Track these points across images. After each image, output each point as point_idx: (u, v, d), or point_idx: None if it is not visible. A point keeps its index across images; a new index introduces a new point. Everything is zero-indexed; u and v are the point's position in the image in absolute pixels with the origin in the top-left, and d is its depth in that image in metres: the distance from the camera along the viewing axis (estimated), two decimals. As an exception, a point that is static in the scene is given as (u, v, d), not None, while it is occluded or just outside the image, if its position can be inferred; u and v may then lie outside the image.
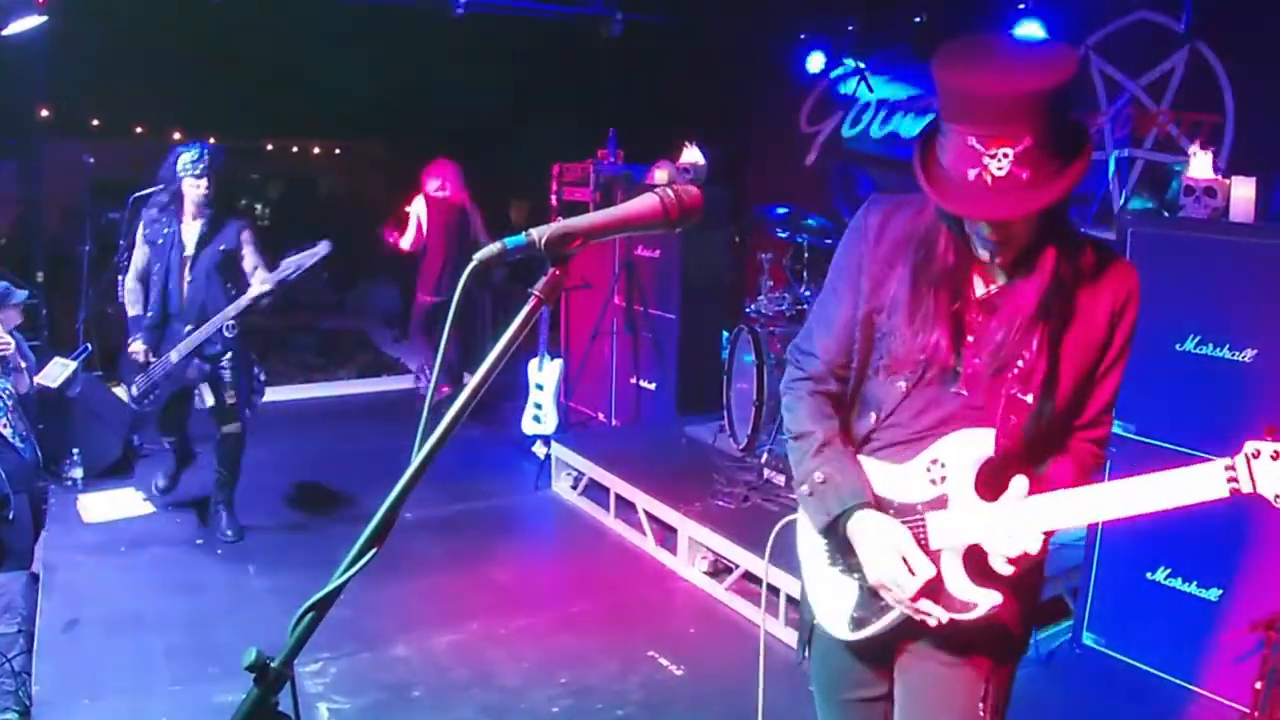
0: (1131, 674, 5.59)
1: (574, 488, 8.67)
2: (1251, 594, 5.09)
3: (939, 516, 2.78)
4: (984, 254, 2.70)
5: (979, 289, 2.79)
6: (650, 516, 7.56)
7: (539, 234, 1.87)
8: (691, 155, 9.30)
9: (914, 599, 2.76)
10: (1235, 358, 5.08)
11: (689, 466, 8.10)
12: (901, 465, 2.85)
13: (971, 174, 2.49)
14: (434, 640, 6.15)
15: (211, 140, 7.20)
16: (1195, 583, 5.33)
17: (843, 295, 2.94)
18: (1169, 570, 5.44)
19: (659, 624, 6.48)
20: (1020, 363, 2.71)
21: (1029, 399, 2.72)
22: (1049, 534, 2.72)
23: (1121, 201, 7.93)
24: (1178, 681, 5.40)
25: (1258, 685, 4.81)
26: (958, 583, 2.77)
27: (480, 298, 12.17)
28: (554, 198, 10.46)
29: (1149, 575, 5.50)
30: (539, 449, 9.19)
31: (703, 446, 8.65)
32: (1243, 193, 5.27)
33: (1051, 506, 2.66)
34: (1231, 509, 5.37)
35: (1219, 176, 5.36)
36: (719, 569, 6.96)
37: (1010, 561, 2.66)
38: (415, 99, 13.25)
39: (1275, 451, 2.35)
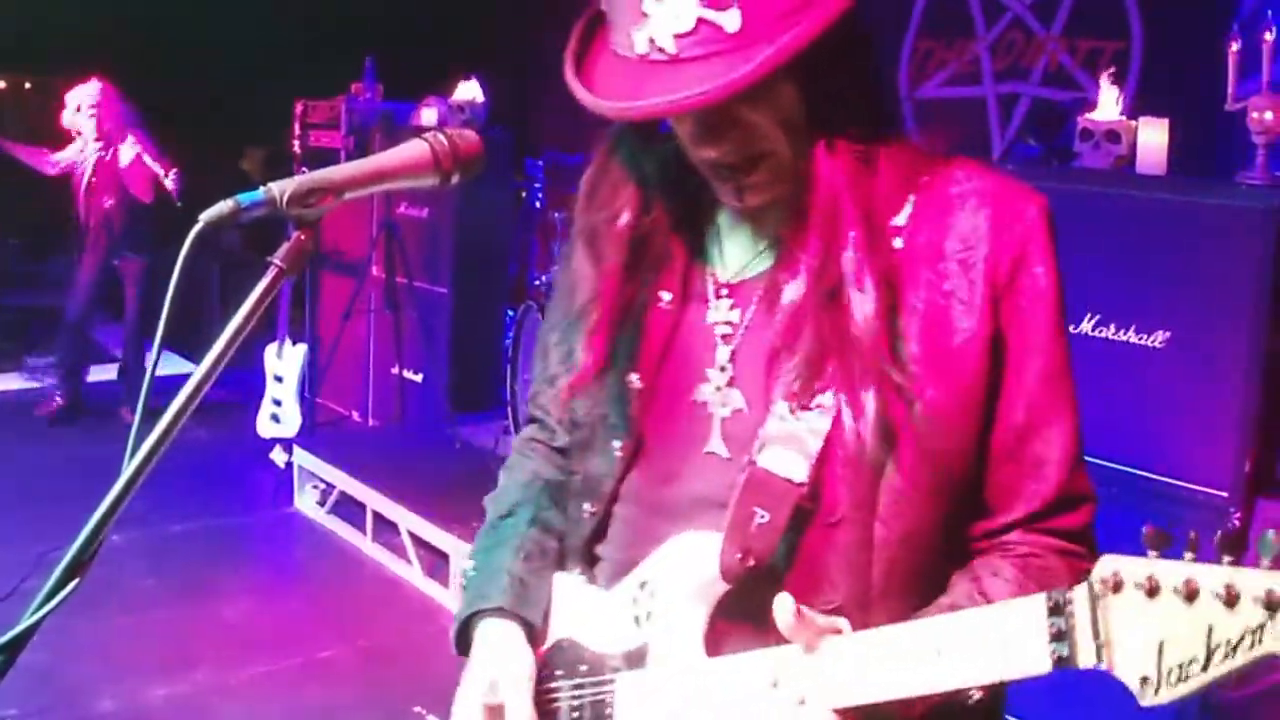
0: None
1: (321, 504, 8.61)
2: None
3: (632, 681, 2.06)
4: (730, 199, 2.01)
5: (726, 270, 2.11)
6: (416, 539, 7.56)
7: (280, 189, 1.85)
8: (468, 91, 9.27)
9: None
10: (1143, 342, 5.01)
11: (464, 477, 8.07)
12: (610, 591, 2.16)
13: (639, 39, 1.84)
14: (148, 692, 6.05)
15: None
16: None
17: (555, 306, 2.38)
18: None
19: (427, 672, 6.45)
20: (782, 399, 1.94)
21: (799, 471, 1.90)
22: None
23: (1003, 148, 8.03)
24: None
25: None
26: None
27: (205, 269, 11.99)
28: (296, 143, 10.31)
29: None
30: (278, 456, 9.12)
31: (481, 452, 8.66)
32: (1153, 137, 5.24)
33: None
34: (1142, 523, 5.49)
35: (1124, 117, 5.37)
36: (503, 602, 6.94)
37: None
38: (111, 19, 12.96)
39: (1150, 579, 1.45)
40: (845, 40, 1.83)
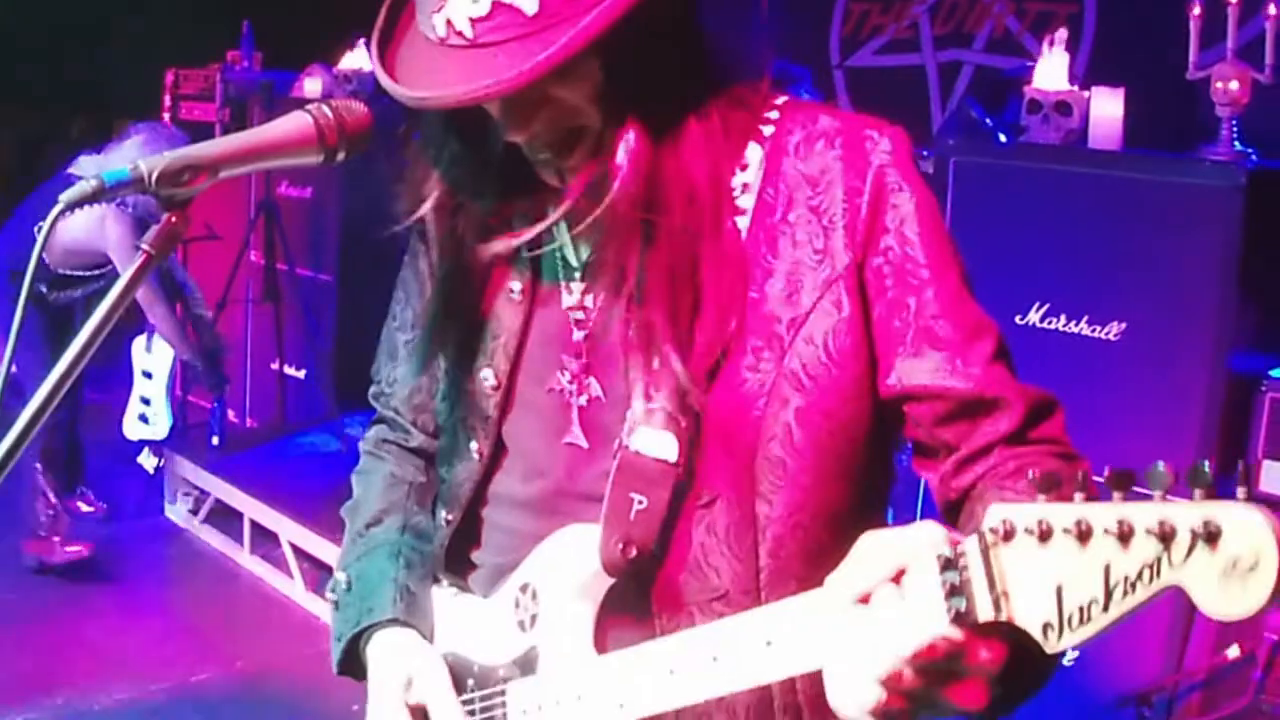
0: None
1: (194, 512, 8.60)
2: (1116, 657, 4.94)
3: (524, 688, 2.11)
4: (552, 180, 2.04)
5: (578, 254, 2.14)
6: (299, 552, 7.55)
7: (149, 167, 1.83)
8: (355, 59, 9.22)
9: None
10: (1097, 335, 5.01)
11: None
12: (490, 599, 2.21)
13: (438, 22, 1.87)
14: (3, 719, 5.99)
15: None
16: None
17: (404, 302, 2.45)
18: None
19: (312, 697, 6.42)
20: (641, 381, 1.97)
21: (672, 452, 1.95)
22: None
23: (944, 121, 7.97)
24: (1025, 769, 5.19)
25: (1127, 775, 4.66)
26: None
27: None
28: (167, 116, 10.25)
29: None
30: (147, 460, 9.03)
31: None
32: (1107, 109, 5.24)
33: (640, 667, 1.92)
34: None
35: (1075, 87, 5.38)
36: (394, 619, 6.92)
37: None
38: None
39: (1043, 524, 1.46)
40: (653, 5, 1.82)
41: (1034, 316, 5.13)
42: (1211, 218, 4.71)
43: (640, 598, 1.99)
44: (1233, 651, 4.62)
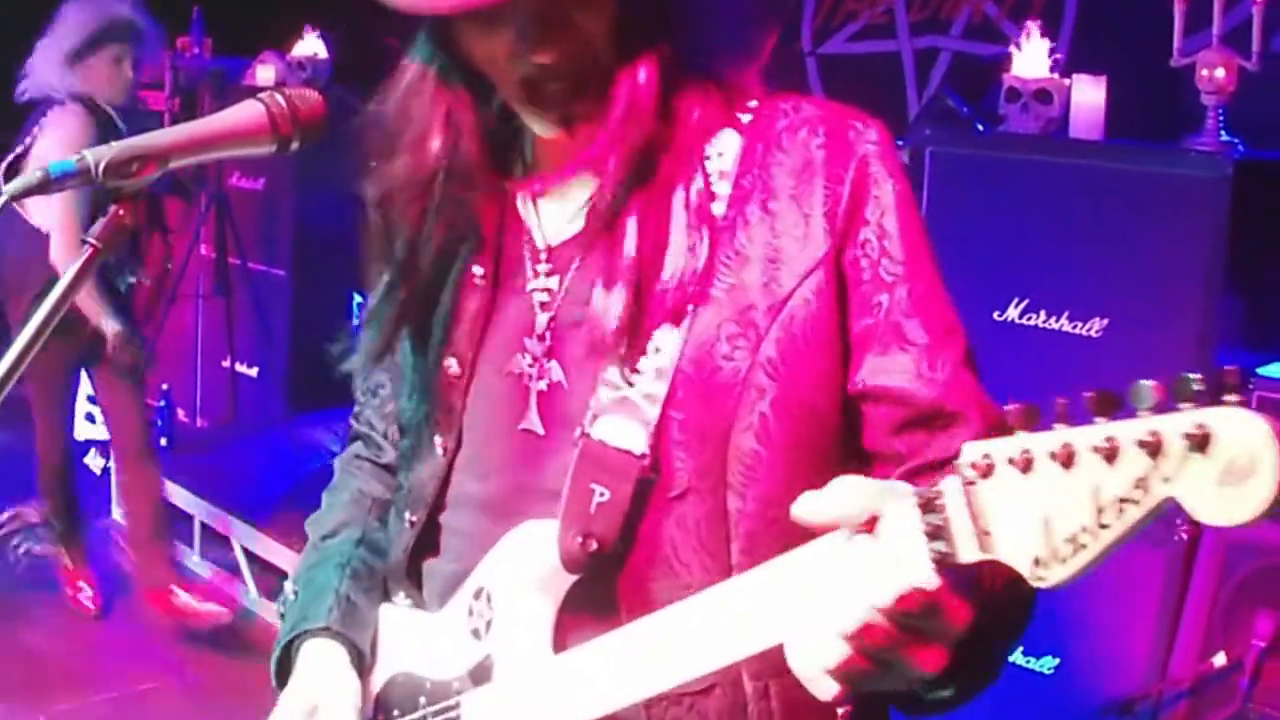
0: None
1: (143, 515, 8.48)
2: (1098, 664, 4.96)
3: (479, 699, 2.05)
4: (555, 123, 2.01)
5: (544, 235, 2.12)
6: (251, 556, 7.54)
7: (95, 157, 1.82)
8: (309, 45, 9.21)
9: None
10: (1077, 330, 4.98)
11: (305, 485, 7.87)
12: (443, 610, 2.16)
13: None
14: (-61, 736, 5.94)
15: None
16: (1021, 649, 5.07)
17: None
18: (988, 633, 5.18)
19: (262, 710, 6.38)
20: (612, 365, 1.95)
21: (638, 443, 1.93)
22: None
23: (919, 110, 7.94)
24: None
25: (1111, 786, 4.66)
26: None
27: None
28: (113, 104, 10.21)
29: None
30: (94, 460, 8.99)
31: (324, 454, 8.57)
32: (1089, 97, 5.24)
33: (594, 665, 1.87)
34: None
35: (1056, 74, 5.37)
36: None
37: None
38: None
39: (1024, 454, 1.42)
40: None
41: (1013, 312, 5.08)
42: (1197, 210, 4.71)
43: (606, 598, 1.94)
44: (1219, 659, 4.58)
